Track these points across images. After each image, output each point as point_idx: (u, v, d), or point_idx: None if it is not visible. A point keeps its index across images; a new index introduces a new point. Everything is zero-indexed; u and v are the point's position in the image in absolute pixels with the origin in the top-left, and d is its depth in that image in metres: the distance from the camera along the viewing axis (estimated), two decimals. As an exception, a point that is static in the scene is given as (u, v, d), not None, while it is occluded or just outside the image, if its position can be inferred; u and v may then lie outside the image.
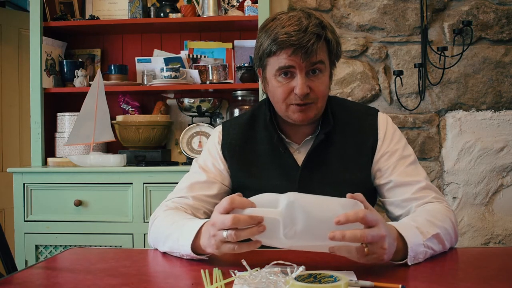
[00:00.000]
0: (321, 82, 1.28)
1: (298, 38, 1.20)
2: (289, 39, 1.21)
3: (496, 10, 2.68)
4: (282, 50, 1.23)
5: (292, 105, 1.28)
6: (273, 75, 1.28)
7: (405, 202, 1.28)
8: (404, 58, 2.71)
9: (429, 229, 1.10)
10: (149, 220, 1.33)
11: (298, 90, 1.24)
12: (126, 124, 2.60)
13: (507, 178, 2.67)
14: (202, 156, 1.43)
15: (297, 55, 1.22)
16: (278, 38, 1.22)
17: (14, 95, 3.58)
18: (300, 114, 1.28)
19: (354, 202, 0.96)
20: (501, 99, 2.69)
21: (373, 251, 0.95)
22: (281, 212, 0.94)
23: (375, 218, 0.95)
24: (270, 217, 0.94)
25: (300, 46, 1.20)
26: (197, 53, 2.81)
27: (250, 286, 0.87)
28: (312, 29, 1.21)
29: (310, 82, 1.26)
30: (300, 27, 1.21)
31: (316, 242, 0.96)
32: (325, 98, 1.32)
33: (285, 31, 1.21)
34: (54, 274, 1.07)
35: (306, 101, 1.26)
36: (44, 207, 2.44)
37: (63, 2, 2.84)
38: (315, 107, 1.29)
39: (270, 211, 0.95)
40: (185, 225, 1.14)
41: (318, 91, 1.27)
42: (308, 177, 1.32)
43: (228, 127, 1.43)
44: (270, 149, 1.36)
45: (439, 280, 0.94)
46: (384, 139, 1.36)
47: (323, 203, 0.96)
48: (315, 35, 1.22)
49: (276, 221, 0.94)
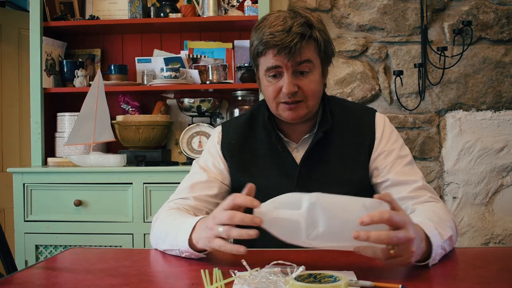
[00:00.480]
0: (310, 81, 1.29)
1: (281, 39, 1.22)
2: (272, 40, 1.23)
3: (496, 10, 2.68)
4: (268, 50, 1.26)
5: (281, 104, 1.30)
6: (264, 75, 1.31)
7: (401, 201, 1.29)
8: (404, 58, 2.71)
9: (444, 230, 1.09)
10: (149, 220, 1.34)
11: (285, 88, 1.26)
12: (126, 124, 2.60)
13: (507, 178, 2.67)
14: (202, 157, 1.44)
15: (281, 55, 1.24)
16: (263, 39, 1.25)
17: (14, 95, 3.58)
18: (290, 112, 1.30)
19: (379, 202, 0.94)
20: (501, 99, 2.69)
21: (399, 253, 0.93)
22: (303, 213, 0.93)
23: (402, 219, 0.93)
24: (292, 219, 0.93)
25: (283, 46, 1.23)
26: (197, 53, 2.81)
27: (250, 286, 0.87)
28: (296, 29, 1.23)
29: (298, 80, 1.28)
30: (284, 27, 1.23)
31: (340, 243, 0.95)
32: (316, 96, 1.32)
33: (270, 32, 1.24)
34: (54, 274, 1.07)
35: (294, 99, 1.28)
36: (44, 207, 2.44)
37: (63, 2, 2.84)
38: (304, 105, 1.30)
39: (292, 213, 0.94)
40: (183, 222, 1.15)
41: (307, 89, 1.29)
42: (307, 175, 1.34)
43: (227, 127, 1.44)
44: (269, 148, 1.37)
45: (439, 280, 0.94)
46: (382, 138, 1.37)
47: (346, 204, 0.94)
48: (299, 34, 1.23)
49: (299, 223, 0.93)
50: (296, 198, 0.95)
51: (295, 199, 0.95)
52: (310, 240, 0.93)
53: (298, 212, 0.93)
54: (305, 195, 0.94)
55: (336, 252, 1.15)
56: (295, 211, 0.94)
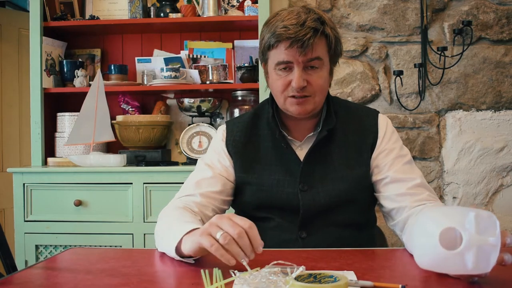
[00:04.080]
0: (318, 76, 1.30)
1: (295, 31, 1.24)
2: (286, 32, 1.25)
3: (496, 10, 2.68)
4: (280, 43, 1.28)
5: (289, 98, 1.32)
6: (273, 68, 1.32)
7: (400, 197, 1.31)
8: (404, 58, 2.71)
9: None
10: (149, 220, 1.34)
11: (295, 83, 1.28)
12: (126, 124, 2.60)
13: (507, 178, 2.67)
14: (207, 154, 1.46)
15: (294, 48, 1.25)
16: (276, 31, 1.27)
17: (14, 95, 3.58)
18: (297, 107, 1.31)
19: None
20: (501, 99, 2.69)
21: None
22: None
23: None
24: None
25: (296, 39, 1.24)
26: (197, 53, 2.81)
27: (250, 286, 0.87)
28: (310, 24, 1.25)
29: (307, 76, 1.29)
30: (298, 20, 1.25)
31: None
32: (323, 92, 1.34)
33: (283, 25, 1.26)
34: (54, 274, 1.07)
35: (303, 93, 1.30)
36: (44, 207, 2.44)
37: (63, 2, 2.84)
38: (312, 100, 1.32)
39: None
40: (175, 229, 1.12)
41: (316, 84, 1.30)
42: (310, 172, 1.35)
43: (231, 125, 1.46)
44: (273, 145, 1.39)
45: (439, 280, 0.94)
46: (384, 137, 1.39)
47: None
48: (312, 29, 1.25)
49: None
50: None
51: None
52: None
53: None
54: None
55: (336, 252, 1.15)
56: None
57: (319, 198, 1.32)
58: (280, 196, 1.34)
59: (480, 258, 0.83)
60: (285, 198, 1.34)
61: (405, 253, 1.17)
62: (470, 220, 0.84)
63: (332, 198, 1.32)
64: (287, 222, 1.34)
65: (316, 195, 1.33)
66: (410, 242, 1.10)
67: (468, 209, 0.88)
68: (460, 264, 0.84)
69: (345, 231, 1.34)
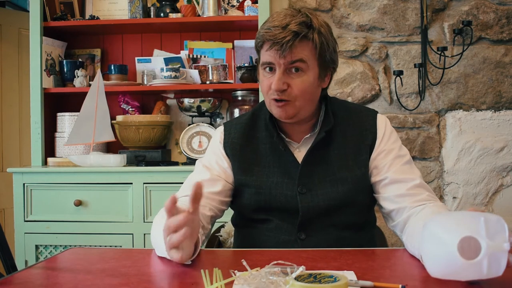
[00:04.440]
0: (301, 81, 1.28)
1: (274, 34, 1.25)
2: (267, 34, 1.26)
3: (496, 10, 2.68)
4: (264, 44, 1.29)
5: (272, 100, 1.31)
6: (261, 68, 1.33)
7: (399, 198, 1.30)
8: (404, 58, 2.71)
9: None
10: (149, 220, 1.34)
11: (273, 84, 1.28)
12: (126, 124, 2.60)
13: (507, 178, 2.67)
14: (205, 156, 1.45)
15: (273, 50, 1.26)
16: (261, 32, 1.29)
17: (14, 95, 3.58)
18: (278, 109, 1.31)
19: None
20: (501, 99, 2.69)
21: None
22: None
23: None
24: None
25: (275, 41, 1.25)
26: (197, 53, 2.81)
27: (250, 286, 0.87)
28: (293, 27, 1.24)
29: (289, 79, 1.28)
30: (281, 23, 1.25)
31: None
32: (306, 97, 1.31)
33: (267, 26, 1.27)
34: (54, 274, 1.07)
35: (282, 97, 1.29)
36: (44, 207, 2.44)
37: (63, 2, 2.84)
38: (292, 105, 1.30)
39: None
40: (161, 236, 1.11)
41: (297, 88, 1.28)
42: (308, 174, 1.34)
43: (229, 127, 1.45)
44: (271, 147, 1.38)
45: (439, 280, 0.94)
46: (383, 138, 1.38)
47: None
48: (293, 32, 1.24)
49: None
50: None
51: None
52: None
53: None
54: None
55: (336, 252, 1.15)
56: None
57: (318, 201, 1.32)
58: (279, 198, 1.33)
59: (493, 263, 0.84)
60: (283, 201, 1.33)
61: (405, 253, 1.17)
62: (482, 227, 0.85)
63: (331, 200, 1.32)
64: (286, 224, 1.34)
65: (315, 198, 1.32)
66: (419, 250, 1.07)
67: (477, 214, 0.88)
68: (476, 271, 0.85)
69: (344, 232, 1.33)
